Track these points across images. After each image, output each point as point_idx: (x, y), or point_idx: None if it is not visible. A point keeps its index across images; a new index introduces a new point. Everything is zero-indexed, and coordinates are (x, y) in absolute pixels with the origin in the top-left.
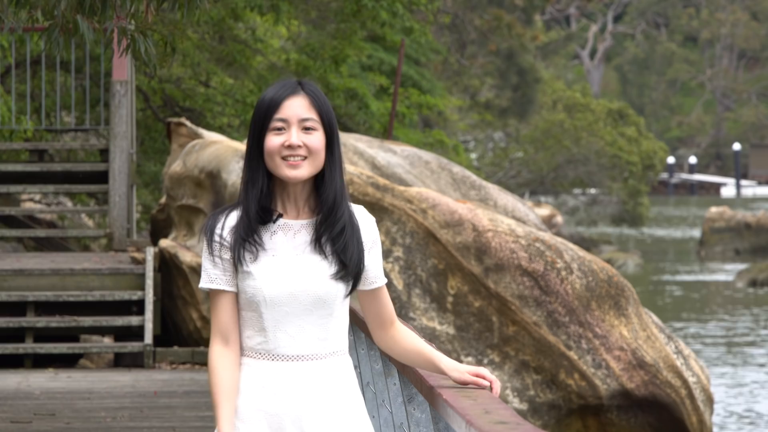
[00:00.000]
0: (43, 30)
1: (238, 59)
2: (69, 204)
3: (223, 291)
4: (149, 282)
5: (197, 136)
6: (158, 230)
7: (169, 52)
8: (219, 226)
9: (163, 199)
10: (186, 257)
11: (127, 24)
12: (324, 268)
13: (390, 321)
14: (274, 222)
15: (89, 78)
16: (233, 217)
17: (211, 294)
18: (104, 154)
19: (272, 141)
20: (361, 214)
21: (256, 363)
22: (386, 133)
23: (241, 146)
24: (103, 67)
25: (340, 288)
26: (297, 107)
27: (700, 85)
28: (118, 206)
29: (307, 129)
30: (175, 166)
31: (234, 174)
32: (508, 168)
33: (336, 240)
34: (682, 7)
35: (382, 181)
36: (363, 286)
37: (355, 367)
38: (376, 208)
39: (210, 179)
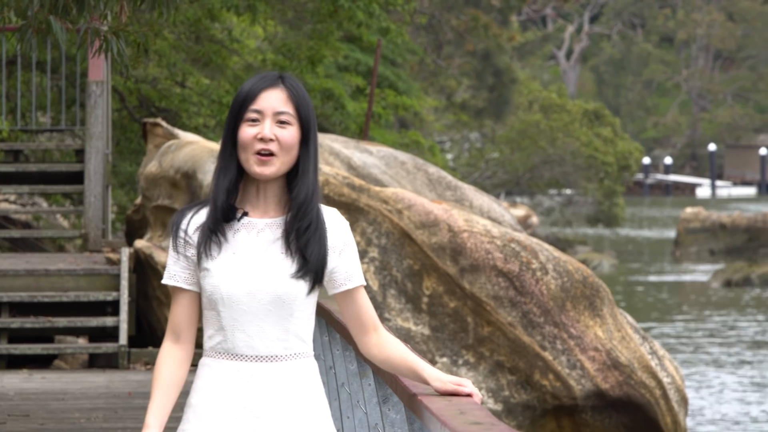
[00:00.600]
0: (15, 30)
1: (215, 59)
2: (44, 204)
3: (181, 289)
4: (124, 283)
5: (173, 136)
6: (133, 231)
7: (142, 53)
8: (185, 222)
9: (138, 200)
10: (161, 258)
11: (101, 25)
12: (285, 267)
13: (372, 326)
14: (239, 220)
15: (65, 78)
16: (201, 215)
17: (171, 290)
18: (80, 154)
19: (246, 132)
20: (333, 217)
21: (215, 363)
22: (362, 133)
23: (217, 147)
24: (79, 68)
25: (301, 287)
26: (273, 100)
27: (676, 86)
28: (93, 207)
29: (281, 123)
30: (151, 167)
31: (209, 175)
32: (483, 168)
33: (301, 236)
34: (659, 8)
35: (357, 181)
36: (333, 288)
37: (330, 368)
38: (351, 208)
39: (185, 180)
